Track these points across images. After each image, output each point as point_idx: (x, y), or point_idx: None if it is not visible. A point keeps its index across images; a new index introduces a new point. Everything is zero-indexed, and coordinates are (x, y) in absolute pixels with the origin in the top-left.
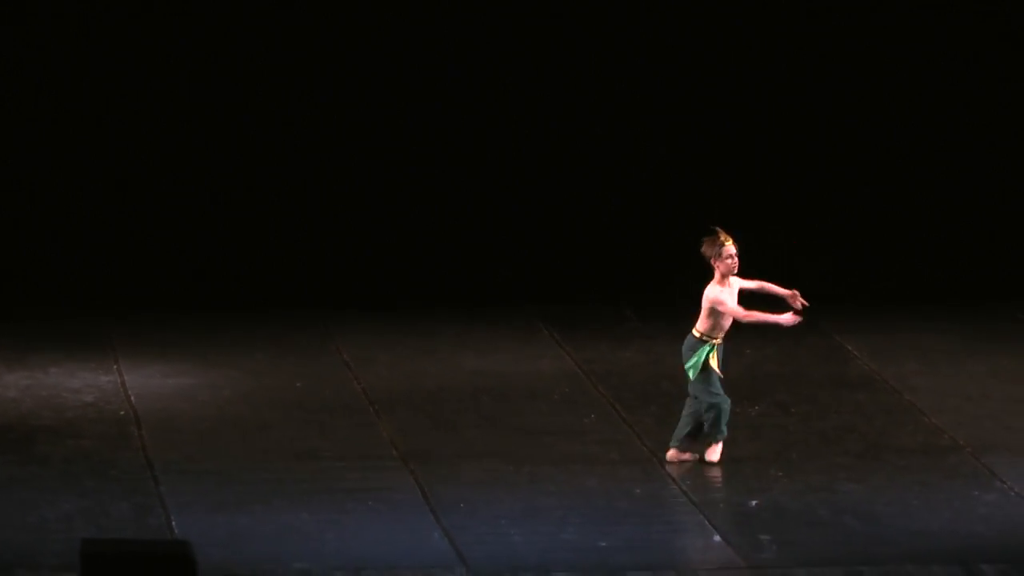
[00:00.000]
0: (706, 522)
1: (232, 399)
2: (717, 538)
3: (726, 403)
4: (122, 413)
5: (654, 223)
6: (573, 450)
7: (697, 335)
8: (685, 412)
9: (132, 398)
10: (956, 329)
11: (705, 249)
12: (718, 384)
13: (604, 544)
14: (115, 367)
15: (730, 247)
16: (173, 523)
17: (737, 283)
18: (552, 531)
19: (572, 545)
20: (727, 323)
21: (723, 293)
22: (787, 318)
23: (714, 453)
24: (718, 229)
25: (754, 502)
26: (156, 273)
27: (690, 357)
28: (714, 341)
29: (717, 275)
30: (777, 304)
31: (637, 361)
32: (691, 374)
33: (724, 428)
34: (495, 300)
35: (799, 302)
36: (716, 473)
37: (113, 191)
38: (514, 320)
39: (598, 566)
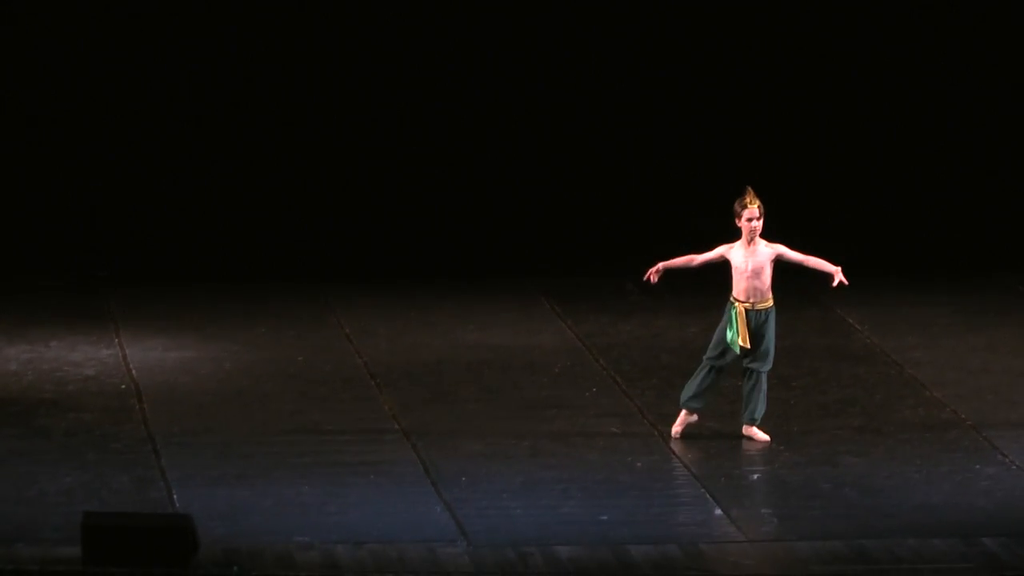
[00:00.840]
0: (707, 496)
1: (233, 372)
2: (718, 511)
3: (708, 364)
4: (123, 386)
5: (655, 196)
6: (574, 423)
7: (730, 300)
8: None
9: (133, 371)
10: (957, 302)
11: (735, 207)
12: (716, 345)
13: (605, 518)
14: (116, 340)
15: (753, 209)
16: (174, 496)
17: (774, 250)
18: (553, 505)
19: (573, 518)
20: (741, 284)
21: (732, 251)
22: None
23: (679, 425)
24: (748, 188)
25: (755, 475)
26: (157, 247)
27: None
28: (738, 303)
29: (742, 236)
30: (819, 278)
31: (638, 334)
32: (734, 346)
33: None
34: (496, 273)
35: (840, 278)
36: (716, 447)
37: (115, 166)
38: (515, 293)
39: (599, 540)
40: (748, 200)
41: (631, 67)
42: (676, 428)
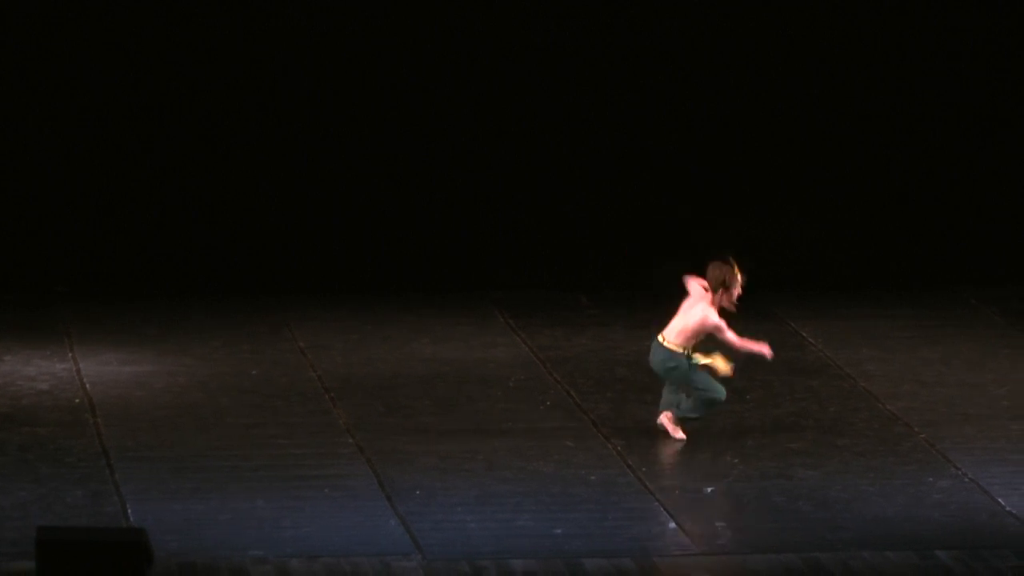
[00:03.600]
0: (661, 509)
1: (188, 387)
2: (672, 525)
3: (721, 394)
4: (77, 401)
5: (609, 210)
6: (528, 437)
7: (677, 348)
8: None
9: (87, 385)
10: (910, 315)
11: (716, 274)
12: (709, 380)
13: (559, 531)
14: (70, 355)
15: (740, 285)
16: (128, 510)
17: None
18: (507, 518)
19: (527, 532)
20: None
21: (720, 320)
22: (767, 350)
23: (673, 426)
24: (732, 260)
25: (709, 489)
26: (112, 261)
27: (672, 369)
28: (693, 354)
29: (713, 300)
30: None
31: (592, 348)
32: (671, 380)
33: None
34: (450, 287)
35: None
36: (671, 460)
37: (70, 179)
38: (469, 307)
39: (553, 553)
40: (738, 273)
41: (585, 85)
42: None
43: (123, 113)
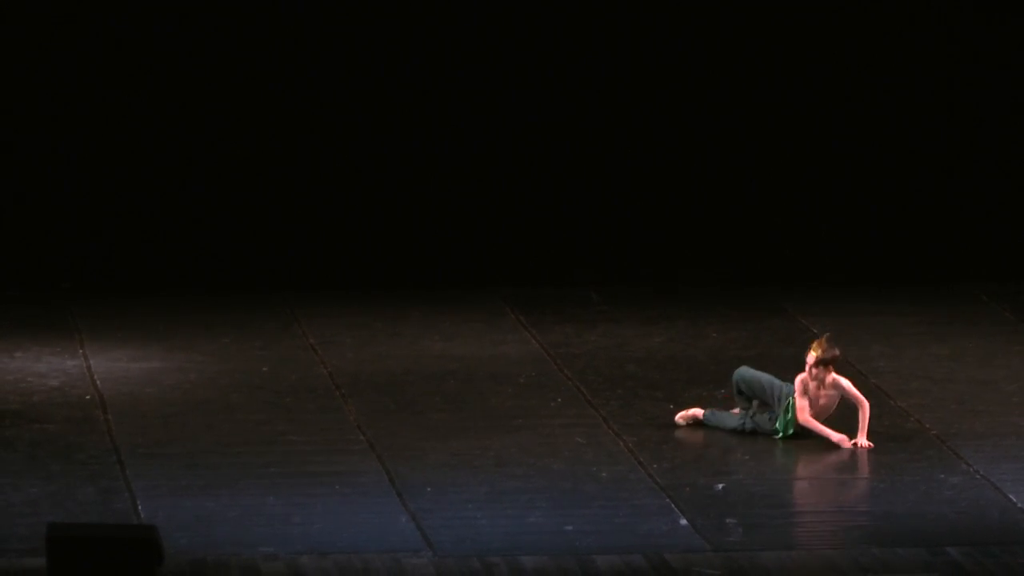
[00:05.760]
0: (672, 505)
1: (198, 383)
2: (683, 521)
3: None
4: (88, 397)
5: (621, 207)
6: (539, 434)
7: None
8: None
9: (98, 382)
10: (921, 312)
11: (823, 353)
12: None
13: (570, 528)
14: (81, 351)
15: (811, 362)
16: (139, 507)
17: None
18: (518, 515)
19: (538, 528)
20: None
21: (802, 398)
22: (842, 438)
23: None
24: (822, 339)
25: (720, 485)
26: (122, 258)
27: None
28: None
29: (807, 375)
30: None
31: (603, 344)
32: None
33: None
34: (461, 283)
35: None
36: (682, 456)
37: (78, 175)
38: (480, 303)
39: (564, 549)
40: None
41: (591, 80)
42: (680, 417)
43: (131, 107)
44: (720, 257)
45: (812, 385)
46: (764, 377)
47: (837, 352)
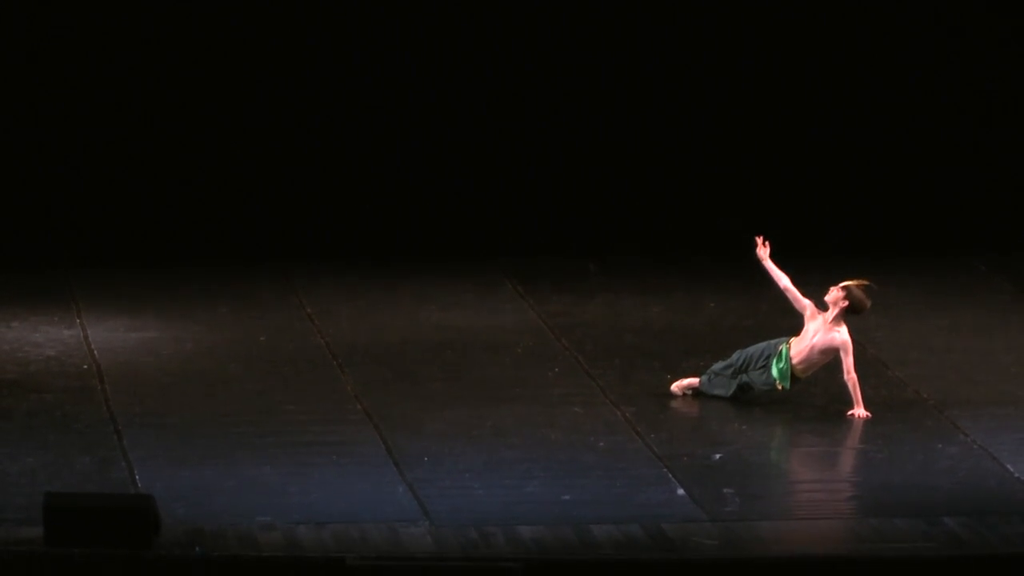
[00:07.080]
0: (669, 475)
1: (195, 353)
2: (680, 491)
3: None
4: (85, 367)
5: (617, 176)
6: (536, 404)
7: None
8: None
9: (95, 352)
10: (918, 282)
11: (857, 296)
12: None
13: (568, 497)
14: (78, 321)
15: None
16: (136, 477)
17: (841, 346)
18: (516, 484)
19: (535, 498)
20: (803, 347)
21: (813, 314)
22: (863, 413)
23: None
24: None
25: (717, 455)
26: (118, 227)
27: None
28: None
29: (836, 314)
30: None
31: (600, 315)
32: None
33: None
34: (458, 253)
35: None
36: (679, 426)
37: (75, 146)
38: (477, 273)
39: (562, 519)
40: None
41: (593, 54)
42: (676, 386)
43: (127, 81)
44: (716, 226)
45: (819, 317)
46: (759, 345)
47: (868, 304)
